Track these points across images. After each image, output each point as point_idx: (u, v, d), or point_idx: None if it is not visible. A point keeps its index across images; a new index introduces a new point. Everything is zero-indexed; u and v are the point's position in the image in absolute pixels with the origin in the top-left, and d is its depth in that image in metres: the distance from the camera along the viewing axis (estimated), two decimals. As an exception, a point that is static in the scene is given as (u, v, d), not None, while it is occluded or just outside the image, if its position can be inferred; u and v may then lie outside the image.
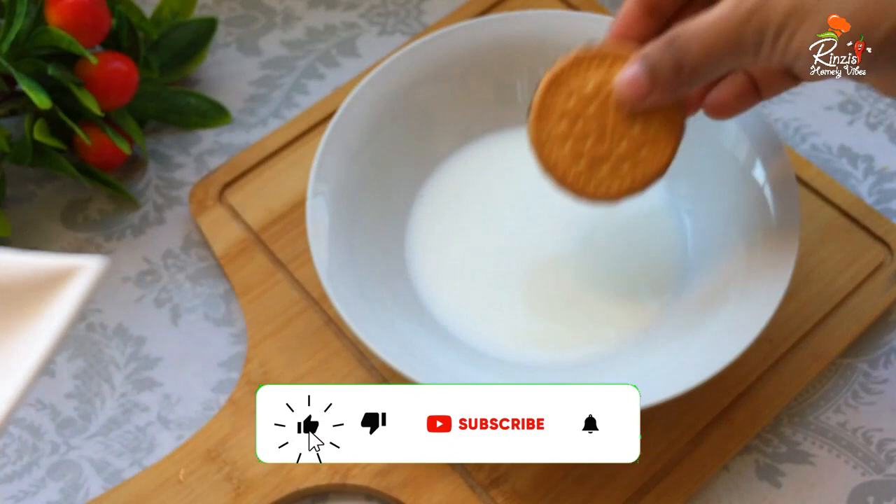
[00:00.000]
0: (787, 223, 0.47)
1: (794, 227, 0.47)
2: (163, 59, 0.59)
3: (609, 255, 0.52)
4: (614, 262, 0.52)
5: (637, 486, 0.47)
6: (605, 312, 0.51)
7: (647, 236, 0.52)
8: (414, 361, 0.45)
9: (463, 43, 0.54)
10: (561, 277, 0.51)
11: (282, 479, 0.47)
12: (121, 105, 0.55)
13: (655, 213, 0.53)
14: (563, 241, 0.52)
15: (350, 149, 0.51)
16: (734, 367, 0.44)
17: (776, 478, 0.48)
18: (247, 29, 0.64)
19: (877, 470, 0.48)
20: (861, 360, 0.51)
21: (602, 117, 0.43)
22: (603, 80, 0.43)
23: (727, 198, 0.50)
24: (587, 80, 0.43)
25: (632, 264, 0.52)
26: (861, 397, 0.50)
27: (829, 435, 0.49)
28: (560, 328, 0.50)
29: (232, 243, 0.54)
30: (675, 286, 0.51)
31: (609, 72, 0.43)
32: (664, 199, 0.53)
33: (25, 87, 0.50)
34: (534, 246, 0.52)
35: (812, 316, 0.51)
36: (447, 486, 0.47)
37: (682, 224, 0.52)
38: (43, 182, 0.58)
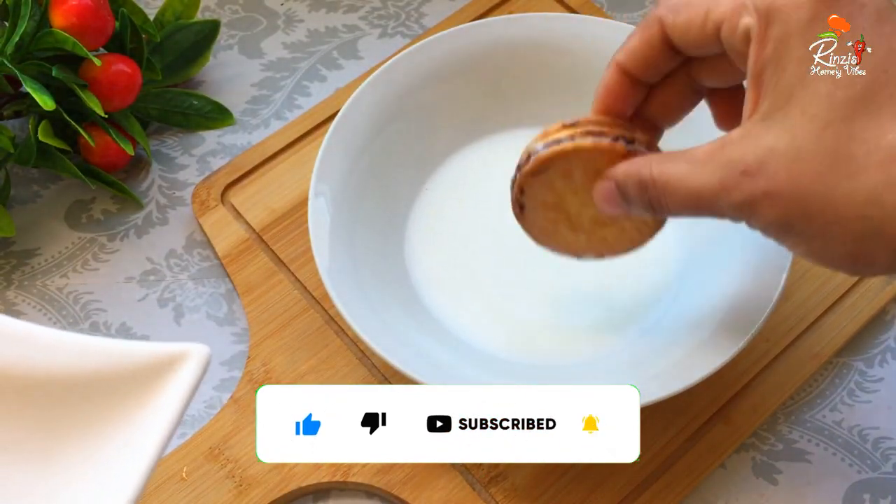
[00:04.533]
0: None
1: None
2: (166, 61, 0.60)
3: (607, 255, 0.52)
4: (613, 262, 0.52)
5: (634, 483, 0.47)
6: (605, 312, 0.51)
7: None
8: (414, 360, 0.46)
9: (463, 45, 0.54)
10: (562, 277, 0.52)
11: (283, 477, 0.48)
12: (124, 106, 0.55)
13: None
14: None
15: (351, 150, 0.52)
16: (731, 366, 0.45)
17: (773, 475, 0.49)
18: (249, 31, 0.65)
19: (872, 468, 0.49)
20: (857, 358, 0.52)
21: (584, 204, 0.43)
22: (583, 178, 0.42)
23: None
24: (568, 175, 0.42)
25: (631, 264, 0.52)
26: (857, 396, 0.51)
27: (826, 433, 0.50)
28: (559, 328, 0.51)
29: (234, 243, 0.55)
30: (674, 286, 0.51)
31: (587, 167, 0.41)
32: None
33: (30, 88, 0.50)
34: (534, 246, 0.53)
35: (808, 315, 0.51)
36: (447, 484, 0.47)
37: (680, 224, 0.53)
38: (47, 183, 0.59)
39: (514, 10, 0.62)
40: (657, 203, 0.39)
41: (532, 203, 0.43)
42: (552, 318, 0.51)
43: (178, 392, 0.32)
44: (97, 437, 0.32)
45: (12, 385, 0.32)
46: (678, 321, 0.49)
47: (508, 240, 0.53)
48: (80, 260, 0.56)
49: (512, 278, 0.52)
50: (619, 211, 0.41)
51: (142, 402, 0.32)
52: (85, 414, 0.33)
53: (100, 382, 0.32)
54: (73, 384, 0.32)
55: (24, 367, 0.32)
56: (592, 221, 0.43)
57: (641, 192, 0.39)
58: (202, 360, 0.33)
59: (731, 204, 0.36)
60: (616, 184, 0.40)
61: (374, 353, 0.45)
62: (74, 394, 0.32)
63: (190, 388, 0.32)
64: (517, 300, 0.51)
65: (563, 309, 0.51)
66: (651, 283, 0.51)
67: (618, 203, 0.40)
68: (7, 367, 0.31)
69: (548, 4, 0.62)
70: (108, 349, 0.32)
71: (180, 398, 0.32)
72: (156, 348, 0.32)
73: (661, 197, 0.38)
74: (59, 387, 0.32)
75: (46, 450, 0.32)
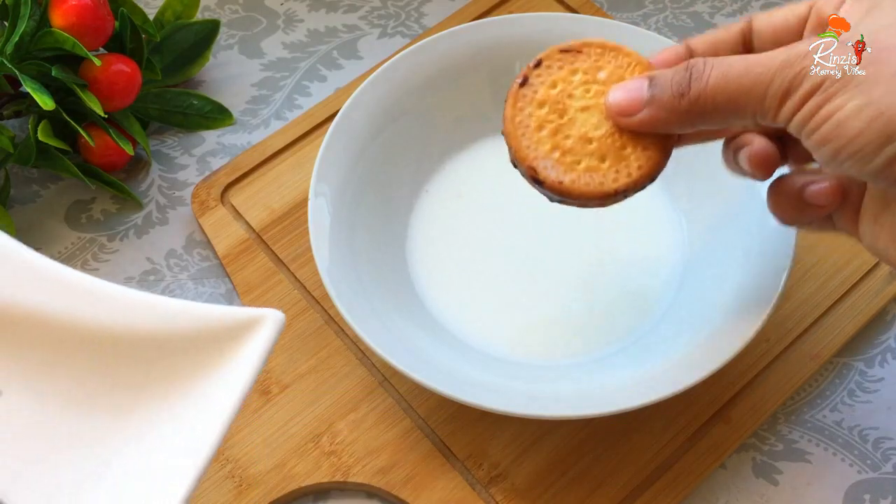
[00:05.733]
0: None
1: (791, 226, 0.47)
2: (166, 61, 0.60)
3: (609, 255, 0.52)
4: (614, 262, 0.52)
5: (635, 483, 0.47)
6: (606, 311, 0.51)
7: (646, 237, 0.53)
8: (414, 360, 0.46)
9: (463, 45, 0.54)
10: (561, 277, 0.52)
11: (283, 477, 0.48)
12: (124, 106, 0.55)
13: (653, 215, 0.53)
14: (563, 241, 0.53)
15: (351, 150, 0.52)
16: (731, 366, 0.45)
17: (773, 475, 0.49)
18: (249, 31, 0.65)
19: (872, 468, 0.49)
20: (857, 358, 0.52)
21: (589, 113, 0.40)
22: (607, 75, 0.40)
23: (724, 198, 0.51)
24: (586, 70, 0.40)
25: (631, 264, 0.52)
26: (857, 396, 0.51)
27: (826, 433, 0.50)
28: (560, 327, 0.51)
29: (234, 243, 0.55)
30: (673, 287, 0.51)
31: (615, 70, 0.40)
32: (662, 200, 0.53)
33: (30, 88, 0.50)
34: (534, 246, 0.53)
35: (808, 315, 0.51)
36: (447, 484, 0.47)
37: (680, 225, 0.53)
38: (47, 183, 0.59)
39: (514, 10, 0.62)
40: (695, 81, 0.36)
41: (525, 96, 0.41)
42: (552, 319, 0.51)
43: (253, 354, 0.33)
44: (175, 394, 0.33)
45: (99, 341, 0.33)
46: (678, 322, 0.49)
47: (509, 240, 0.53)
48: (80, 260, 0.56)
49: (512, 279, 0.52)
50: (632, 107, 0.38)
51: (218, 363, 0.33)
52: (164, 371, 0.34)
53: (181, 342, 0.34)
54: (154, 342, 0.34)
55: (113, 324, 0.33)
56: (579, 140, 0.40)
57: (682, 68, 0.37)
58: (277, 325, 0.34)
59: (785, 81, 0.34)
60: (650, 74, 0.38)
61: (374, 353, 0.45)
62: (155, 351, 0.34)
63: (265, 350, 0.33)
64: (517, 301, 0.51)
65: (562, 310, 0.51)
66: (651, 285, 0.51)
67: (637, 96, 0.38)
68: (98, 325, 0.33)
69: (548, 4, 0.62)
70: (190, 311, 0.34)
71: (255, 359, 0.33)
72: (235, 312, 0.34)
73: (705, 72, 0.36)
74: (141, 344, 0.34)
75: (124, 405, 0.34)
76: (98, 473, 0.32)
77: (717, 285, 0.49)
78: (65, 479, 0.32)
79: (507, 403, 0.44)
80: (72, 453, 0.33)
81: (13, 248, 0.34)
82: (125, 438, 0.33)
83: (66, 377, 0.34)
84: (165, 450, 0.33)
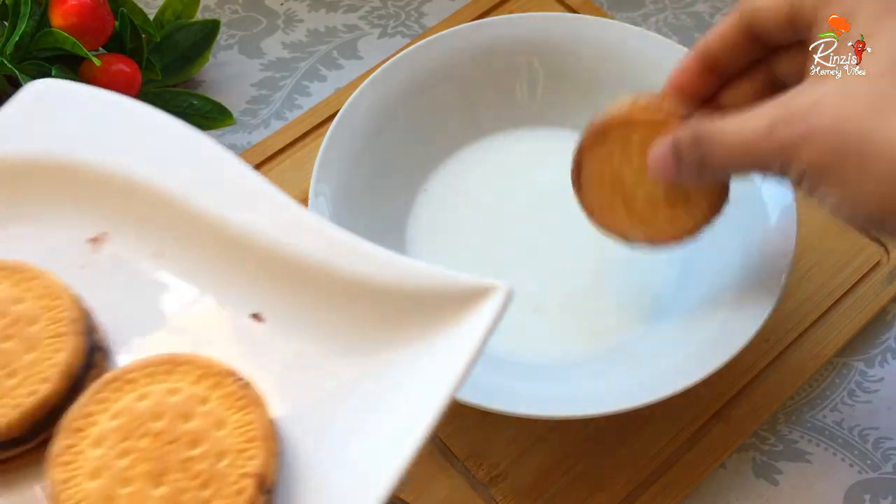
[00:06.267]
0: (784, 222, 0.48)
1: (791, 226, 0.47)
2: (165, 61, 0.60)
3: (609, 255, 0.52)
4: (614, 262, 0.52)
5: (634, 483, 0.47)
6: (605, 313, 0.51)
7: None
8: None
9: (463, 45, 0.54)
10: (562, 276, 0.52)
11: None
12: (124, 106, 0.55)
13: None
14: (562, 241, 0.53)
15: (351, 150, 0.52)
16: (731, 366, 0.45)
17: (773, 476, 0.49)
18: (249, 31, 0.65)
19: (873, 468, 0.49)
20: (857, 358, 0.52)
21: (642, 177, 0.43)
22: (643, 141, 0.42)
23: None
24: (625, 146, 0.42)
25: (631, 264, 0.52)
26: (857, 396, 0.51)
27: (826, 433, 0.50)
28: (561, 327, 0.51)
29: (234, 243, 0.55)
30: (674, 286, 0.51)
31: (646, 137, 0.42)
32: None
33: (30, 88, 0.50)
34: (533, 246, 0.53)
35: (808, 315, 0.51)
36: (447, 484, 0.47)
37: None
38: (47, 183, 0.59)
39: (514, 10, 0.62)
40: (708, 155, 0.39)
41: (588, 177, 0.44)
42: (554, 317, 0.51)
43: (483, 321, 0.35)
44: (403, 351, 0.35)
45: (347, 288, 0.36)
46: (678, 322, 0.49)
47: (508, 240, 0.53)
48: (80, 260, 0.56)
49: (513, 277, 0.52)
50: (670, 173, 0.41)
51: (450, 326, 0.35)
52: (395, 328, 0.36)
53: (418, 301, 0.36)
54: (396, 298, 0.36)
55: (361, 275, 0.36)
56: (647, 200, 0.43)
57: (695, 147, 0.39)
58: (507, 295, 0.36)
59: (775, 145, 0.36)
60: (672, 141, 0.40)
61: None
62: (394, 307, 0.36)
63: (494, 319, 0.35)
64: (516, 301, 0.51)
65: (562, 310, 0.51)
66: (651, 285, 0.51)
67: (670, 164, 0.40)
68: (349, 274, 0.36)
69: (548, 4, 0.62)
70: (431, 273, 0.36)
71: (485, 327, 0.35)
72: (470, 279, 0.36)
73: (712, 148, 0.38)
74: (385, 299, 0.36)
75: (365, 350, 0.36)
76: (359, 412, 0.34)
77: (717, 285, 0.49)
78: (330, 410, 0.35)
79: (507, 403, 0.44)
80: (335, 390, 0.35)
81: (288, 202, 0.37)
82: (372, 382, 0.35)
83: (318, 316, 0.36)
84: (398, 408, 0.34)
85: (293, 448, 0.34)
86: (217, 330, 0.36)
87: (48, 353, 0.34)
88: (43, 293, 0.35)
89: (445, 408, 0.33)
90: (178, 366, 0.34)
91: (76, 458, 0.32)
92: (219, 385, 0.33)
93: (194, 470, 0.32)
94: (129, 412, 0.33)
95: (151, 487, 0.31)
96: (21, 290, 0.35)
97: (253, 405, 0.33)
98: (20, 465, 0.34)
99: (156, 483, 0.31)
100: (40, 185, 0.38)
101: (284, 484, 0.33)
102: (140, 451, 0.32)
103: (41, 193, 0.38)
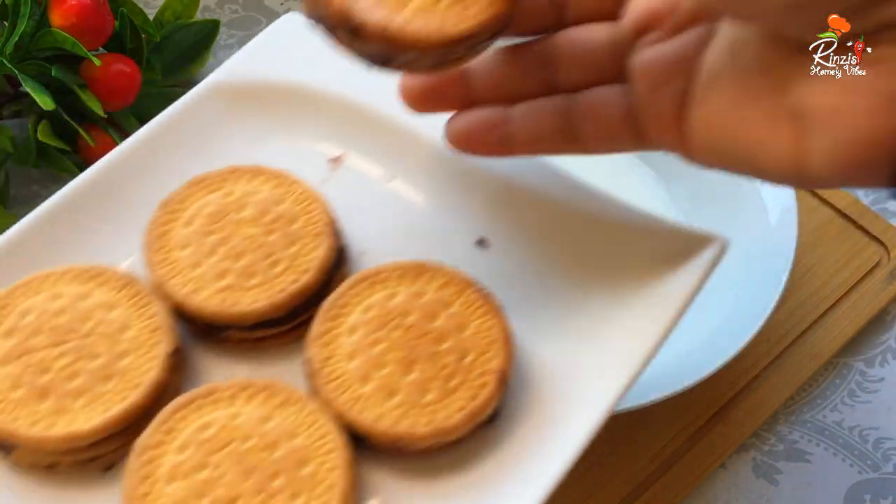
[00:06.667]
0: (784, 223, 0.48)
1: (791, 226, 0.47)
2: (165, 61, 0.60)
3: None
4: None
5: (635, 483, 0.47)
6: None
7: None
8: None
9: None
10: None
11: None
12: (124, 106, 0.55)
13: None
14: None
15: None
16: (731, 366, 0.45)
17: (773, 476, 0.49)
18: (249, 31, 0.65)
19: (873, 468, 0.49)
20: (857, 358, 0.52)
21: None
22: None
23: (724, 198, 0.51)
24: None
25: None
26: (857, 396, 0.51)
27: (826, 433, 0.50)
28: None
29: (234, 243, 0.55)
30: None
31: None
32: (662, 200, 0.53)
33: (29, 88, 0.50)
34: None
35: (809, 315, 0.51)
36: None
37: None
38: (47, 183, 0.59)
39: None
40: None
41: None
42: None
43: (700, 268, 0.37)
44: (621, 292, 0.38)
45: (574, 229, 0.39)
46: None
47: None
48: (80, 260, 0.56)
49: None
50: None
51: (665, 272, 0.37)
52: (618, 269, 0.38)
53: (636, 243, 0.38)
54: (616, 238, 0.39)
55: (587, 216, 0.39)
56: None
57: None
58: (723, 247, 0.37)
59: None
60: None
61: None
62: (613, 246, 0.39)
63: (709, 268, 0.37)
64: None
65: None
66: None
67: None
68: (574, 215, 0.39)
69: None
70: (649, 218, 0.38)
71: (701, 273, 0.37)
72: (689, 228, 0.38)
73: None
74: (605, 238, 0.39)
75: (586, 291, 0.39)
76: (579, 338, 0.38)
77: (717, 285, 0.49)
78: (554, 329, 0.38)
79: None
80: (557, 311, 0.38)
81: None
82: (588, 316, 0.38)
83: (540, 248, 0.40)
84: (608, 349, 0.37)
85: (526, 355, 0.37)
86: (445, 250, 0.39)
87: (307, 249, 0.38)
88: (300, 198, 0.39)
89: (660, 344, 0.36)
90: (425, 272, 0.37)
91: (335, 341, 0.36)
92: (461, 292, 0.37)
93: (441, 362, 0.35)
94: (380, 307, 0.37)
95: (403, 373, 0.35)
96: (281, 192, 0.39)
97: (493, 312, 0.36)
98: (272, 345, 0.38)
99: (406, 370, 0.35)
100: (292, 107, 0.43)
101: (518, 385, 0.36)
102: (392, 341, 0.36)
103: (293, 115, 0.43)
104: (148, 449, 0.34)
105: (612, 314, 0.37)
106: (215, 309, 0.37)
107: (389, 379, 0.35)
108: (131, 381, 0.36)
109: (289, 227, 0.39)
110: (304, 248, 0.38)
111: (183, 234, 0.38)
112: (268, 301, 0.37)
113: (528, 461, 0.35)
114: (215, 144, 0.42)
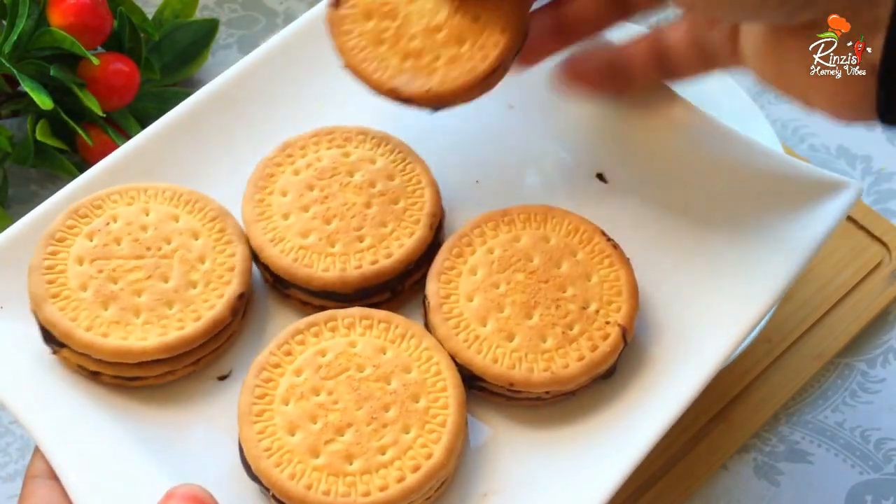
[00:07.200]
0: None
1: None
2: (164, 60, 0.60)
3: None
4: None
5: (636, 484, 0.47)
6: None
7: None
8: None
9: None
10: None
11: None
12: (122, 105, 0.55)
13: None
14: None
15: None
16: (732, 367, 0.45)
17: (774, 477, 0.48)
18: (248, 30, 0.65)
19: (874, 469, 0.48)
20: (859, 359, 0.52)
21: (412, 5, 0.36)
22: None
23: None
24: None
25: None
26: (859, 396, 0.50)
27: (827, 434, 0.49)
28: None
29: (233, 243, 0.55)
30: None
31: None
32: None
33: (28, 87, 0.50)
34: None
35: (810, 315, 0.51)
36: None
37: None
38: (45, 182, 0.58)
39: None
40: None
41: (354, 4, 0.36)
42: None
43: (834, 211, 0.37)
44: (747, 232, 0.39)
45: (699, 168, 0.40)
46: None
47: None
48: (79, 260, 0.56)
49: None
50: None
51: (798, 213, 0.38)
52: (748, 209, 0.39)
53: (768, 183, 0.39)
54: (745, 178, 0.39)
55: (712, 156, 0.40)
56: (425, 34, 0.35)
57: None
58: (858, 192, 0.37)
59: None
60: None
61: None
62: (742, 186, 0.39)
63: (843, 212, 0.37)
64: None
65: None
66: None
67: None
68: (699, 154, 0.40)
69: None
70: (782, 159, 0.38)
71: (834, 217, 0.37)
72: (825, 173, 0.38)
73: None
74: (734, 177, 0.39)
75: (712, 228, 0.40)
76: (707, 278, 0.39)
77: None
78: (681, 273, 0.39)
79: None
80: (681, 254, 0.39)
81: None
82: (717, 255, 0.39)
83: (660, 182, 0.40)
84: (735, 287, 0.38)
85: (643, 301, 0.37)
86: (567, 185, 0.40)
87: (399, 234, 0.38)
88: (413, 179, 0.39)
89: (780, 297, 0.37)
90: (551, 217, 0.38)
91: (456, 279, 0.36)
92: (588, 241, 0.37)
93: (563, 309, 0.36)
94: (504, 248, 0.37)
95: (523, 317, 0.35)
96: (397, 168, 0.39)
97: (620, 263, 0.37)
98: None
99: (527, 314, 0.35)
100: None
101: (642, 332, 0.37)
102: (515, 284, 0.36)
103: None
104: (265, 368, 0.35)
105: (733, 260, 0.38)
106: (285, 264, 0.36)
107: (508, 322, 0.35)
108: (194, 313, 0.36)
109: (391, 205, 0.38)
110: (396, 232, 0.38)
111: (288, 181, 0.38)
112: (339, 273, 0.36)
113: (637, 418, 0.36)
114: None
